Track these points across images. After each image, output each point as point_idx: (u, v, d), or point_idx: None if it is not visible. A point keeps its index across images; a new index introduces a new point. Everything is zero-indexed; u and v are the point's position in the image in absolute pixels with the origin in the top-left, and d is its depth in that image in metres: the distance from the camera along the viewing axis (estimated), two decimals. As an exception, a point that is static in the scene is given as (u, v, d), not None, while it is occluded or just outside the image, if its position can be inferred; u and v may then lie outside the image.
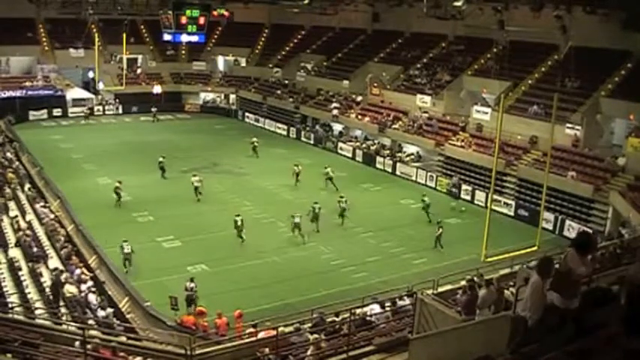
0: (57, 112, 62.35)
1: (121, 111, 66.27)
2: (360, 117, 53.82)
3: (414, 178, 45.01)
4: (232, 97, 70.54)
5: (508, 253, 26.41)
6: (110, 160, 46.78)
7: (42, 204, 32.60)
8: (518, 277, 11.88)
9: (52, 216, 30.78)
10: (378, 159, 48.62)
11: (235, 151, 51.57)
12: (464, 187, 41.32)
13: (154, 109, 62.90)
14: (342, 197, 35.33)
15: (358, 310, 16.09)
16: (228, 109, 69.64)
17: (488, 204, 29.22)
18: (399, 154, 48.10)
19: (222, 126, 62.85)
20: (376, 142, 51.08)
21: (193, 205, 37.36)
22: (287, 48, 70.97)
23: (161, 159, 43.36)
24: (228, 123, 65.00)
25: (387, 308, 17.13)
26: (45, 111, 61.65)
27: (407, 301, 17.48)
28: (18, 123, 57.39)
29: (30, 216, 31.09)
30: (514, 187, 39.41)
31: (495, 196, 34.92)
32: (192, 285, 24.62)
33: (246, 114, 66.53)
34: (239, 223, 31.49)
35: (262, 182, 42.83)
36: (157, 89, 67.37)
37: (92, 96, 66.03)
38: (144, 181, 41.84)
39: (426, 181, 44.10)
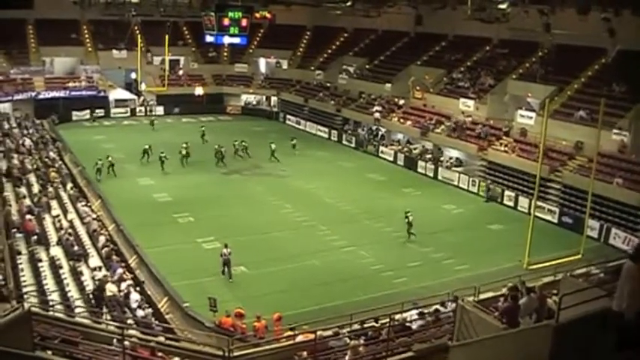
0: (99, 112, 63.54)
1: (162, 112, 67.19)
2: (402, 120, 53.51)
3: (455, 183, 44.60)
4: (274, 99, 70.84)
5: (551, 261, 25.97)
6: (151, 161, 47.30)
7: (83, 203, 33.17)
8: (562, 285, 11.65)
9: (93, 215, 31.29)
10: (420, 163, 48.29)
11: (278, 152, 51.59)
12: (507, 192, 40.79)
13: (153, 115, 62.65)
14: (408, 212, 33.75)
15: (397, 316, 15.97)
16: (269, 111, 69.96)
17: (532, 210, 28.82)
18: (441, 159, 47.76)
19: (263, 128, 63.17)
20: (418, 146, 50.99)
21: (234, 206, 37.62)
22: (329, 50, 71.02)
23: (161, 154, 44.78)
24: (270, 125, 65.33)
25: (427, 314, 16.99)
26: (87, 111, 62.79)
27: (447, 307, 17.31)
28: (61, 123, 58.69)
29: (71, 215, 31.60)
30: (558, 193, 38.71)
31: (539, 203, 34.31)
32: (228, 250, 27.66)
33: (288, 116, 66.75)
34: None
35: (303, 185, 42.95)
36: (199, 91, 68.09)
37: (134, 97, 67.07)
38: (185, 182, 42.34)
39: (468, 186, 43.64)
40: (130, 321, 18.84)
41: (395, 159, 50.84)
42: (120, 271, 24.55)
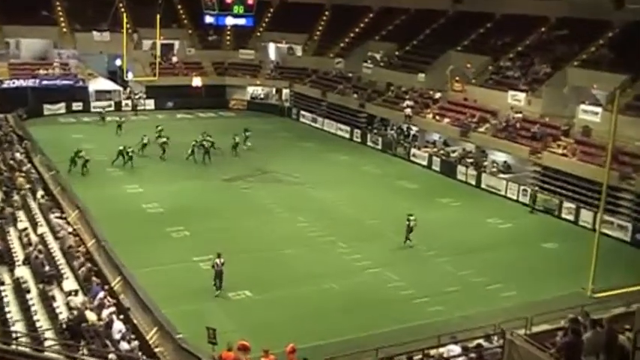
0: (77, 105, 64.01)
1: (153, 106, 67.54)
2: (438, 118, 53.43)
3: (502, 193, 44.36)
4: (285, 92, 71.04)
5: (623, 289, 25.70)
6: (140, 164, 47.63)
7: (57, 214, 33.16)
8: (638, 319, 11.43)
9: (69, 229, 31.30)
10: (460, 168, 48.14)
11: (288, 156, 52.05)
12: (566, 204, 40.43)
13: (102, 110, 62.31)
14: (411, 215, 35.07)
15: (433, 351, 15.87)
16: (280, 107, 70.26)
17: (597, 226, 28.57)
18: (484, 164, 47.56)
19: (273, 126, 63.29)
20: (457, 148, 50.84)
21: (238, 219, 37.68)
22: (351, 34, 71.11)
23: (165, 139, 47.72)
24: (280, 123, 65.46)
25: (469, 350, 16.85)
26: (63, 104, 63.26)
27: (493, 342, 17.17)
28: (30, 118, 59.10)
29: (42, 228, 31.59)
30: (631, 205, 38.26)
31: (606, 217, 33.96)
32: (221, 261, 28.39)
33: (302, 112, 66.94)
34: None
35: (320, 194, 42.94)
36: (197, 82, 68.46)
37: (119, 88, 67.47)
38: (180, 190, 42.49)
39: (517, 196, 43.36)
40: (111, 356, 18.79)
41: (429, 163, 50.74)
42: (101, 295, 24.48)
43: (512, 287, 30.22)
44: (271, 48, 75.04)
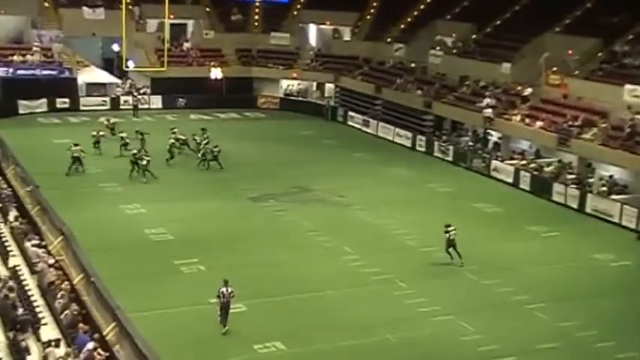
0: (62, 102, 64.84)
1: (160, 104, 67.91)
2: (528, 121, 53.12)
3: (615, 219, 43.61)
4: (329, 87, 71.15)
5: None
6: (142, 179, 47.90)
7: (35, 242, 33.11)
8: None
9: (50, 261, 31.26)
10: (557, 187, 47.60)
11: (332, 169, 52.12)
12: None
13: (107, 121, 59.36)
14: (449, 226, 35.83)
15: None
16: (322, 106, 70.45)
17: None
18: (590, 180, 46.97)
19: (313, 131, 63.42)
20: (554, 160, 50.27)
21: (267, 250, 37.47)
22: (414, 13, 71.03)
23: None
24: (322, 127, 65.66)
25: None
26: (44, 101, 64.13)
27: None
28: (0, 118, 59.76)
29: (15, 260, 31.51)
30: None
31: None
32: (229, 290, 28.60)
33: (350, 114, 67.05)
34: None
35: (373, 219, 42.63)
36: (216, 74, 68.81)
37: (116, 80, 67.97)
38: (193, 211, 42.57)
39: (637, 224, 42.61)
40: None
41: (516, 180, 50.32)
42: (90, 346, 24.34)
43: (630, 346, 29.56)
44: (312, 31, 75.31)
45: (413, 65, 65.61)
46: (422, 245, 38.80)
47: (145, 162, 47.48)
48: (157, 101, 68.26)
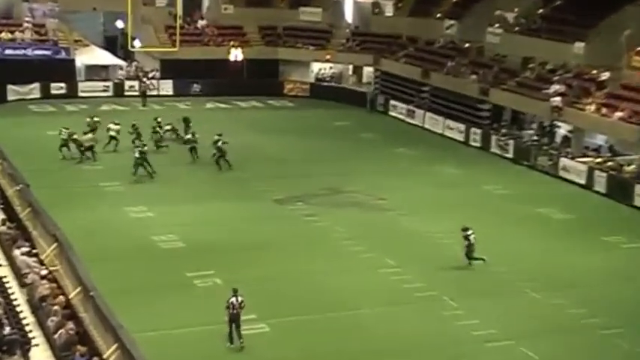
0: (58, 87, 65.28)
1: (171, 91, 68.12)
2: (605, 111, 52.78)
3: None
4: (368, 71, 71.09)
5: None
6: (146, 177, 48.22)
7: (25, 250, 33.22)
8: None
9: (42, 272, 31.40)
10: (639, 189, 47.27)
11: (371, 167, 52.19)
12: None
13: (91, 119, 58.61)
14: (467, 230, 36.43)
15: None
16: (360, 94, 70.47)
17: None
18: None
19: (348, 123, 63.53)
20: (635, 158, 50.01)
21: (293, 261, 37.49)
22: (469, -17, 70.92)
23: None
24: (359, 117, 65.79)
25: None
26: (36, 86, 64.54)
27: None
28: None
29: (2, 270, 31.58)
30: None
31: None
32: (239, 300, 28.85)
33: (392, 102, 67.03)
34: None
35: (418, 225, 42.52)
36: (236, 55, 68.84)
37: (120, 62, 68.17)
38: (208, 215, 42.75)
39: None
40: None
41: (590, 181, 50.03)
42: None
43: None
44: (347, 5, 75.15)
45: (467, 45, 65.42)
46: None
47: (137, 154, 47.78)
48: (167, 87, 68.49)
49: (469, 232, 36.39)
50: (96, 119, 53.72)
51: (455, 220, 42.63)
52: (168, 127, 54.12)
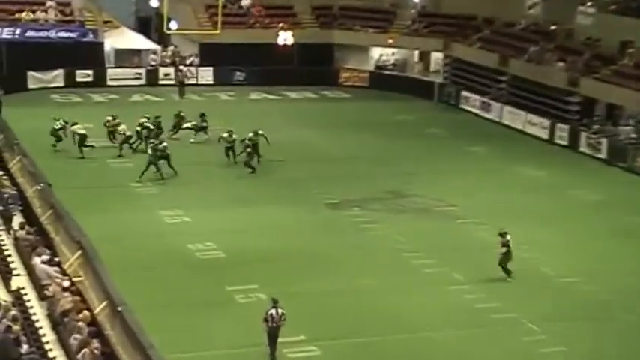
0: (84, 74, 65.80)
1: (211, 79, 68.24)
2: None
3: None
4: (436, 57, 70.83)
5: None
6: (186, 177, 48.43)
7: (45, 257, 33.33)
8: None
9: (64, 283, 31.43)
10: None
11: (440, 168, 52.09)
12: None
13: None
14: (506, 234, 36.66)
15: None
16: (426, 84, 70.48)
17: None
18: None
19: (413, 116, 63.59)
20: None
21: (349, 275, 37.25)
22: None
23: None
24: (427, 111, 65.92)
25: None
26: (60, 72, 65.12)
27: None
28: (6, 93, 60.23)
29: (19, 281, 31.67)
30: None
31: None
32: (279, 312, 29.13)
33: (464, 94, 66.88)
34: None
35: (494, 236, 41.77)
36: (285, 39, 68.80)
37: (155, 46, 68.39)
38: (251, 222, 42.71)
39: None
40: None
41: None
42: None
43: None
44: (414, -19, 75.09)
45: (553, 28, 65.00)
46: (560, 274, 38.25)
47: (150, 152, 47.85)
48: (207, 75, 68.59)
49: (509, 238, 36.23)
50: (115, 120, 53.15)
51: (537, 231, 42.99)
52: (188, 125, 53.78)
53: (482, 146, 56.38)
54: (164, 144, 48.41)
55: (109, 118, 51.02)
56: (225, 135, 50.52)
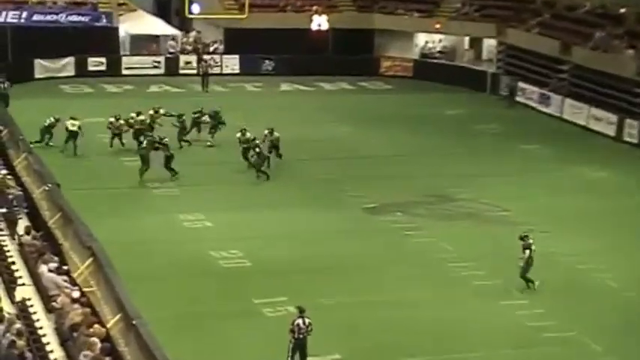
0: (97, 63, 66.42)
1: (237, 68, 68.44)
2: None
3: None
4: (488, 43, 70.81)
5: None
6: (207, 177, 48.80)
7: (53, 265, 33.53)
8: None
9: (74, 294, 31.66)
10: None
11: (493, 169, 52.10)
12: None
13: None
14: (525, 236, 36.79)
15: None
16: (477, 73, 70.56)
17: None
18: None
19: (462, 110, 63.76)
20: None
21: (390, 288, 37.25)
22: None
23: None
24: (478, 105, 66.11)
25: None
26: (70, 60, 65.84)
27: None
28: (11, 84, 60.46)
29: (24, 291, 31.88)
30: None
31: None
32: (306, 322, 29.14)
33: (521, 85, 66.80)
34: None
35: (553, 245, 41.65)
36: (319, 22, 68.90)
37: (175, 32, 68.69)
38: (281, 226, 42.80)
39: None
40: None
41: None
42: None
43: None
44: (464, -42, 75.19)
45: (622, 11, 64.78)
46: (626, 287, 38.04)
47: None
48: (232, 64, 68.82)
49: (531, 241, 36.18)
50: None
51: (601, 239, 42.62)
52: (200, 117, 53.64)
53: (540, 144, 56.23)
54: (165, 139, 48.47)
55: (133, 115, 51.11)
56: (238, 135, 50.19)
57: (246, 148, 49.65)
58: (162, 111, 52.25)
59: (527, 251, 35.85)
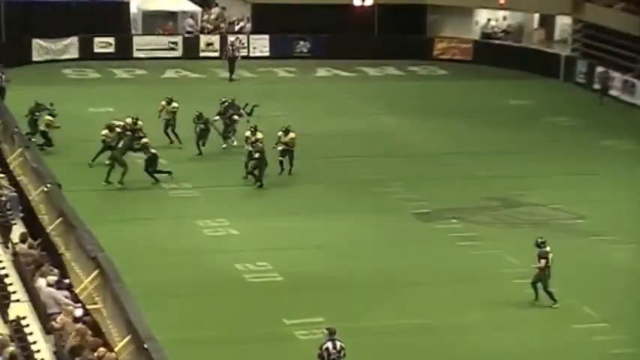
0: (104, 44, 66.78)
1: (266, 51, 68.50)
2: None
3: None
4: (562, 22, 70.76)
5: None
6: (231, 178, 48.82)
7: (52, 278, 33.58)
8: None
9: (76, 312, 31.73)
10: None
11: (565, 169, 51.81)
12: None
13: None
14: (542, 242, 36.58)
15: None
16: (549, 57, 70.44)
17: None
18: None
19: (531, 100, 63.73)
20: None
21: (443, 306, 37.16)
22: None
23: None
24: (549, 93, 66.00)
25: None
26: (74, 40, 66.20)
27: None
28: (7, 67, 60.91)
29: (19, 308, 32.11)
30: None
31: None
32: (339, 346, 29.04)
33: (599, 70, 66.48)
34: None
35: (637, 259, 41.83)
36: (364, -2, 69.25)
37: (195, 7, 68.91)
38: (316, 237, 42.75)
39: None
40: None
41: None
42: None
43: None
44: None
45: None
46: None
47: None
48: (261, 45, 68.90)
49: (549, 249, 35.98)
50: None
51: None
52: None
53: (623, 140, 55.99)
54: (145, 139, 47.93)
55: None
56: (247, 134, 49.49)
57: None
58: (174, 104, 51.63)
59: (543, 261, 35.59)
